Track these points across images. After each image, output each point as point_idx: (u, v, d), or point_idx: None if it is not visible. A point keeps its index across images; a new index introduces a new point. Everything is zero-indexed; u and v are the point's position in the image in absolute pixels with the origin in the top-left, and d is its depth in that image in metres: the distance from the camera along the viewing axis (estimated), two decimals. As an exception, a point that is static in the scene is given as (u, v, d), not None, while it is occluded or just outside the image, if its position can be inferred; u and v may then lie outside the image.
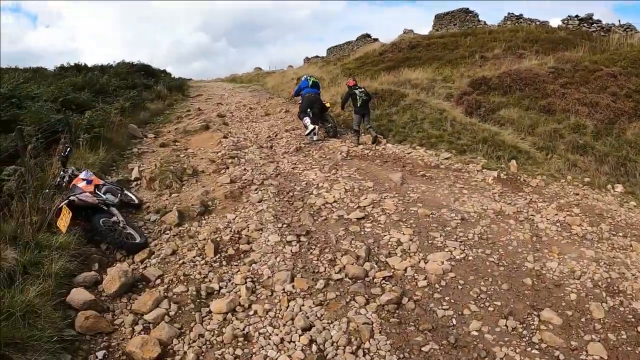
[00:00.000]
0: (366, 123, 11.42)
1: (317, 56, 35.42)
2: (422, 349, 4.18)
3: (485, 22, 25.29)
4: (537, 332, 4.36)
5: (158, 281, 5.32)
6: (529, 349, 4.17)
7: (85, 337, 4.34)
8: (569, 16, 21.83)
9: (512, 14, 24.19)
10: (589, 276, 5.25)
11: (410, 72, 17.09)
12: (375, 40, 29.08)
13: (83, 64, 20.86)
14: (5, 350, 3.60)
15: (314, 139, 11.37)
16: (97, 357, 4.11)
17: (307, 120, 11.50)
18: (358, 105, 11.23)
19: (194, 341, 4.35)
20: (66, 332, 4.24)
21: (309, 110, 11.58)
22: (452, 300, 4.86)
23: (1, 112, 9.79)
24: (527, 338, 4.30)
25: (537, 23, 23.03)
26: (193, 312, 4.76)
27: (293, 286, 5.18)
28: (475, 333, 4.36)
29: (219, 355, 4.19)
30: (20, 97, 10.91)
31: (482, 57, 18.39)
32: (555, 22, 22.54)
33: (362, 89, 11.44)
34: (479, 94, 13.55)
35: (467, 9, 25.92)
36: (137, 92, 16.22)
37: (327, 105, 12.14)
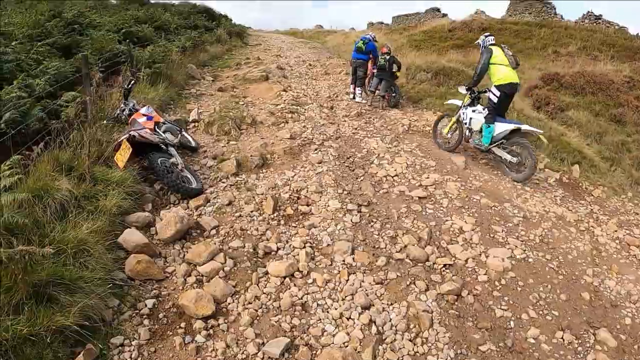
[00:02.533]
0: (381, 90, 11.09)
1: (381, 22, 34.50)
2: (480, 347, 3.95)
3: (561, 15, 24.53)
4: (592, 351, 4.12)
5: (213, 232, 5.07)
6: (583, 366, 3.95)
7: (135, 282, 4.12)
8: (648, 25, 20.68)
9: (592, 13, 23.44)
10: (645, 303, 4.90)
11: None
12: (444, 15, 28.67)
13: (146, -1, 20.77)
14: (54, 290, 3.32)
15: (357, 100, 11.52)
16: (146, 305, 3.86)
17: (350, 87, 11.88)
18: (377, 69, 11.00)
19: (250, 303, 4.08)
20: (115, 275, 4.01)
21: (354, 75, 11.66)
22: (511, 302, 4.59)
23: (62, 36, 9.64)
24: (581, 355, 4.08)
25: (616, 27, 22.20)
26: (249, 271, 4.49)
27: (353, 259, 4.86)
28: (532, 340, 4.14)
29: (275, 322, 3.92)
30: (82, 25, 10.80)
31: (555, 51, 17.70)
32: (634, 30, 21.51)
33: (388, 58, 10.95)
34: (549, 89, 12.80)
35: (546, -2, 24.86)
36: (198, 34, 15.98)
37: (397, 74, 11.55)
